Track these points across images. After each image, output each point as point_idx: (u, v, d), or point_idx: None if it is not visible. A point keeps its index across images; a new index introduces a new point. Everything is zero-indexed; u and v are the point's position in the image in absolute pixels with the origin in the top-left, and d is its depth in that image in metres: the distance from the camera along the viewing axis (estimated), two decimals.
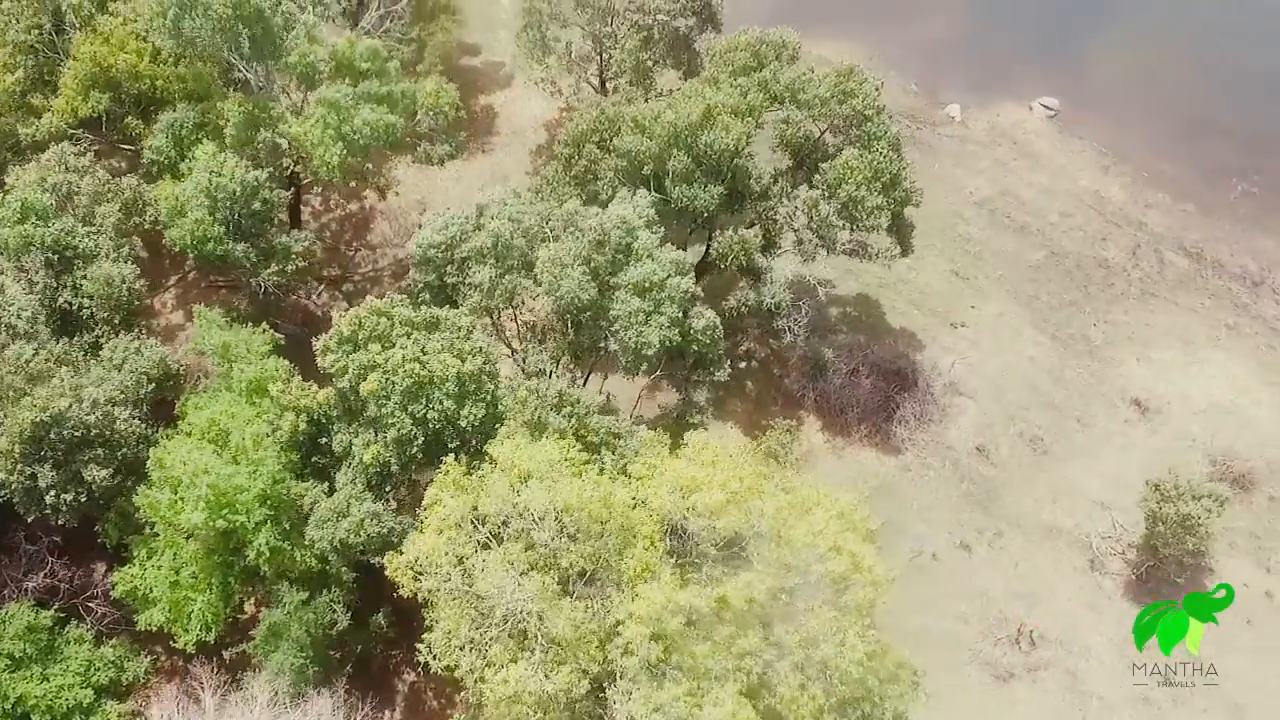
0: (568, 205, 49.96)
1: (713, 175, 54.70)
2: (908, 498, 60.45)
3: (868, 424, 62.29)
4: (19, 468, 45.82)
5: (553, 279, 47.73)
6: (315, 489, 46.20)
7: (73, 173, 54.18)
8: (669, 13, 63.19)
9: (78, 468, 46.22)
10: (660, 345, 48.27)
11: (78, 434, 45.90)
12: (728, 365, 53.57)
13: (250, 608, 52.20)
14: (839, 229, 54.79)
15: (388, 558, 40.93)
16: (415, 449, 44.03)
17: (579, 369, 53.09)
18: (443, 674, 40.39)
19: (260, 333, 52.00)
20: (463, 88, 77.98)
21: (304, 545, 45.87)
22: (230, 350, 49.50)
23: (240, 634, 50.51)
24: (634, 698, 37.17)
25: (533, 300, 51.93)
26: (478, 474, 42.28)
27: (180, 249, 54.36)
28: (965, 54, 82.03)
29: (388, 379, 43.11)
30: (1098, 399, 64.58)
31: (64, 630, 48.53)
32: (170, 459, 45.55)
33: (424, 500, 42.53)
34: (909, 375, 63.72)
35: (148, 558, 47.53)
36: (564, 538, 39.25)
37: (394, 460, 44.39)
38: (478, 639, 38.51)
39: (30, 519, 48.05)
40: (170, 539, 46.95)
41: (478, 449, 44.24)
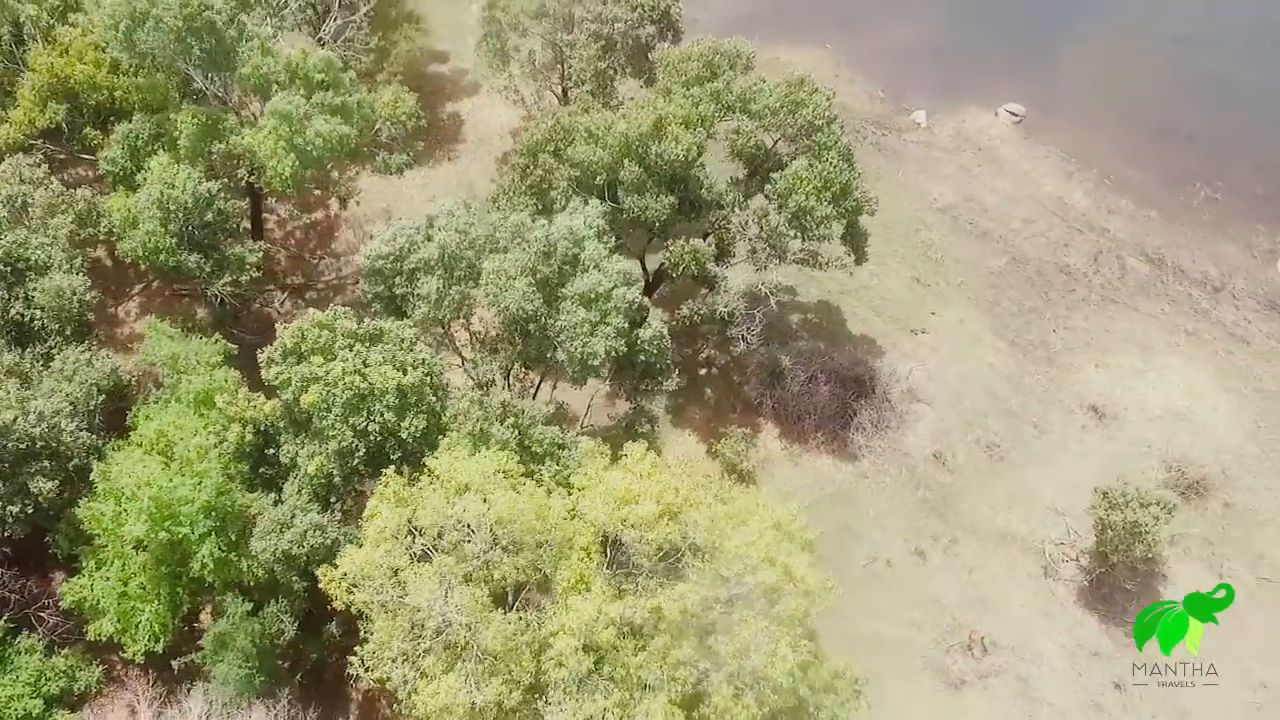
0: (515, 217, 50.21)
1: (665, 185, 55.00)
2: (864, 504, 60.67)
3: (825, 431, 62.51)
4: None
5: (497, 291, 48.02)
6: (262, 500, 46.52)
7: (27, 184, 54.50)
8: (627, 22, 63.41)
9: (24, 480, 46.47)
10: (606, 355, 48.50)
11: (23, 446, 46.15)
12: (677, 374, 53.86)
13: (206, 617, 52.56)
14: (790, 238, 55.04)
15: (322, 571, 41.19)
16: (357, 460, 44.36)
17: (530, 378, 53.36)
18: (374, 686, 40.66)
19: (213, 343, 52.27)
20: (430, 95, 78.65)
21: (251, 556, 46.17)
22: (179, 361, 49.75)
23: (196, 643, 50.65)
24: (563, 709, 37.46)
25: (485, 310, 52.24)
26: (417, 486, 42.56)
27: (132, 260, 54.68)
28: (932, 60, 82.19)
29: (328, 391, 43.40)
30: (1055, 405, 64.78)
31: (14, 640, 48.75)
32: (116, 471, 45.83)
33: (365, 512, 42.78)
34: (867, 382, 63.90)
35: (96, 569, 47.81)
36: (499, 550, 39.52)
37: (337, 472, 44.68)
38: (410, 651, 38.79)
39: None
40: (118, 550, 47.21)
41: (421, 460, 44.50)
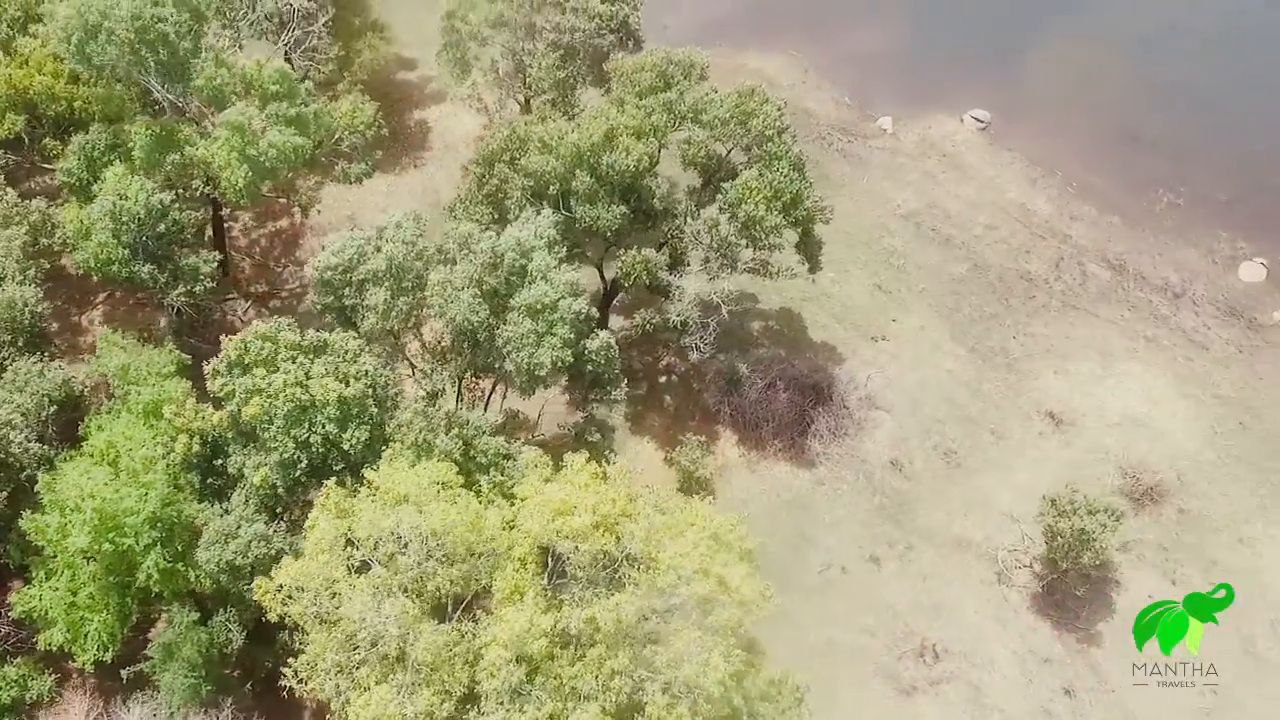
0: (463, 227, 50.55)
1: (617, 195, 55.28)
2: (820, 511, 60.97)
3: (783, 438, 62.81)
4: None
5: (443, 302, 48.34)
6: (209, 510, 46.82)
7: None
8: (585, 31, 63.69)
9: None
10: (552, 366, 48.82)
11: None
12: (626, 384, 54.16)
13: (162, 625, 52.85)
14: (740, 247, 55.33)
15: (257, 583, 41.52)
16: (300, 472, 44.69)
17: (481, 388, 53.67)
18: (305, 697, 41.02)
19: (167, 353, 52.57)
20: (397, 102, 79.03)
21: (198, 566, 46.47)
22: (129, 372, 50.04)
23: (144, 653, 50.95)
24: (495, 719, 37.77)
25: (436, 321, 52.57)
26: (358, 497, 42.88)
27: (85, 271, 55.01)
28: (899, 66, 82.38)
29: (270, 403, 43.73)
30: (1013, 412, 65.05)
31: None
32: (61, 482, 46.14)
33: (307, 523, 43.13)
34: (825, 389, 64.17)
35: (46, 579, 48.13)
36: (434, 561, 39.84)
37: (280, 483, 45.01)
38: (345, 663, 39.12)
39: None
40: (68, 560, 47.50)
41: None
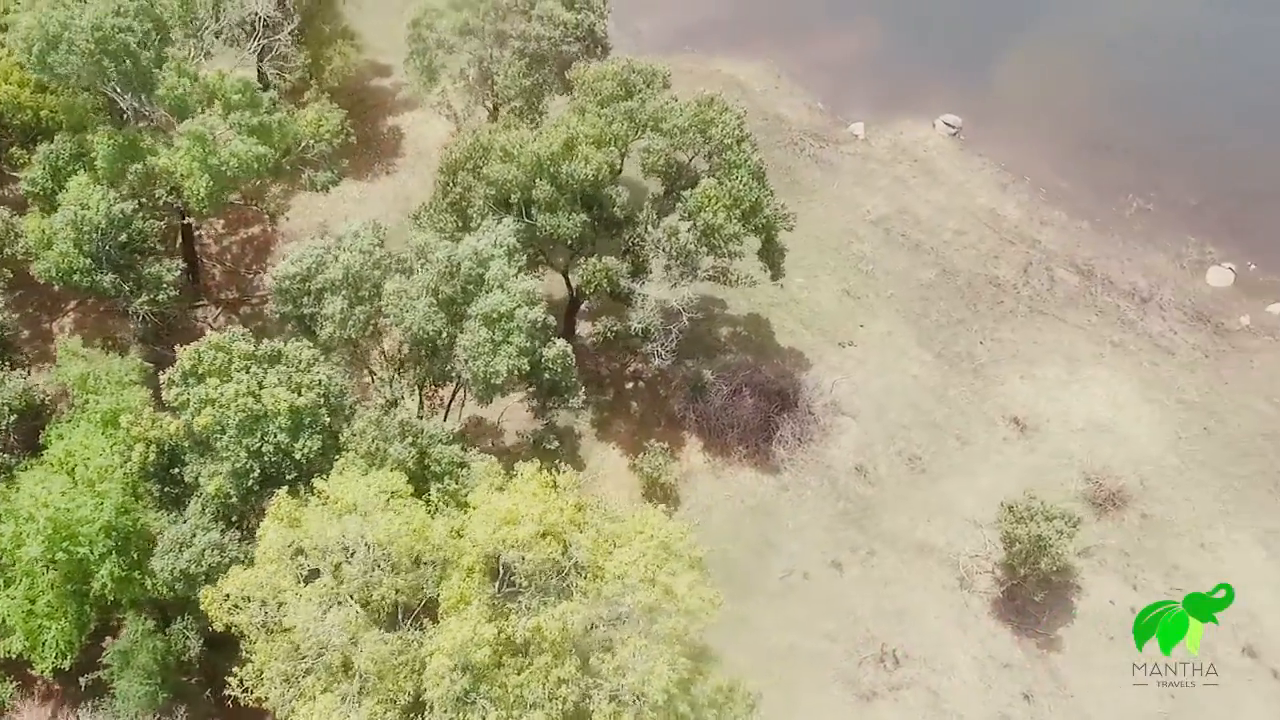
0: (420, 236, 50.84)
1: (578, 203, 55.55)
2: (783, 517, 61.20)
3: (747, 444, 63.05)
4: None
5: (399, 311, 48.62)
6: (164, 519, 47.10)
7: None
8: (552, 40, 63.94)
9: None
10: (508, 374, 49.09)
11: None
12: (583, 392, 54.37)
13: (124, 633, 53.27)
14: (700, 255, 55.58)
15: (203, 592, 41.80)
16: (252, 481, 44.93)
17: (441, 396, 53.93)
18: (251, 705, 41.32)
19: (129, 361, 52.90)
20: (370, 109, 79.33)
21: (154, 574, 46.75)
22: (89, 381, 50.34)
23: (100, 660, 51.32)
24: None
25: (395, 329, 52.83)
26: (308, 507, 43.16)
27: (47, 280, 55.31)
28: (871, 72, 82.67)
29: (222, 413, 44.00)
30: (978, 417, 65.29)
31: None
32: (19, 492, 46.42)
33: (258, 533, 43.40)
34: (791, 395, 64.40)
35: (5, 586, 48.42)
36: (380, 570, 40.10)
37: (233, 492, 45.27)
38: (291, 672, 39.39)
39: None
40: (25, 568, 47.81)
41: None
